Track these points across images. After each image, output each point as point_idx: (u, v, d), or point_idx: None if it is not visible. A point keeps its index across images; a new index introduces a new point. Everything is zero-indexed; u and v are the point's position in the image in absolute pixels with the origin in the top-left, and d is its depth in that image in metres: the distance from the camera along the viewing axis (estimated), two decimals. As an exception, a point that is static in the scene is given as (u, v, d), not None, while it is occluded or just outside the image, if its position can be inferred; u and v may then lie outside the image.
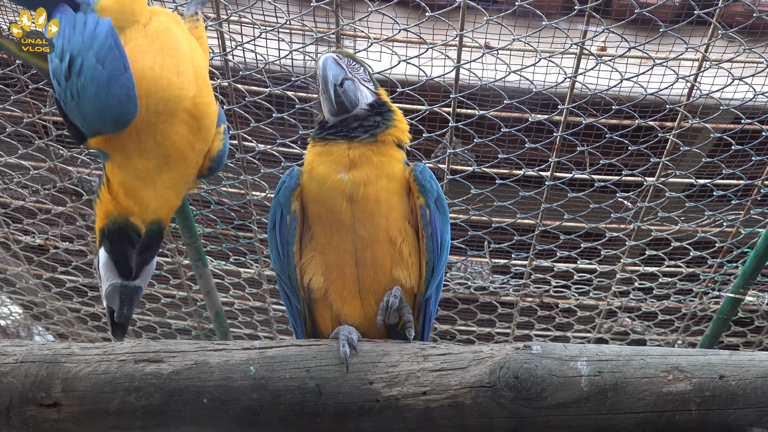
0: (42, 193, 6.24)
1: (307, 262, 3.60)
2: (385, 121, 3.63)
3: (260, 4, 5.08)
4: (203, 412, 3.18)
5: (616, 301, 6.79)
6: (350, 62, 3.70)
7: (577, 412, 3.13)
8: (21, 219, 6.48)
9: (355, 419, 3.20)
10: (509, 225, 5.97)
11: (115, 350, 3.28)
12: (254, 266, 6.68)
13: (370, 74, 3.78)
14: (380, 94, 3.73)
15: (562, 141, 5.46)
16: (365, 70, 3.76)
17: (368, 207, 3.49)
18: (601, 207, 5.82)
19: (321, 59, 3.65)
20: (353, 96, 3.62)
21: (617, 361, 3.20)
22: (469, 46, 5.15)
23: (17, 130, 5.78)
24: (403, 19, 5.10)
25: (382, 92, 3.76)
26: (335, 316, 3.55)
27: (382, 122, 3.62)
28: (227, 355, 3.27)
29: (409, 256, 3.56)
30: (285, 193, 3.63)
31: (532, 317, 7.04)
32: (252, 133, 5.61)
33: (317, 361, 3.24)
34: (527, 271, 6.49)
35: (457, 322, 7.12)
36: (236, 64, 5.27)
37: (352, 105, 3.61)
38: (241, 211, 6.18)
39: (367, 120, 3.61)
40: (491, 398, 3.14)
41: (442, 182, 5.55)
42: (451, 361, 3.23)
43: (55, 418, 3.17)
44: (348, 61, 3.69)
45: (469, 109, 5.37)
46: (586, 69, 5.14)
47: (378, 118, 3.62)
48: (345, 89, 3.60)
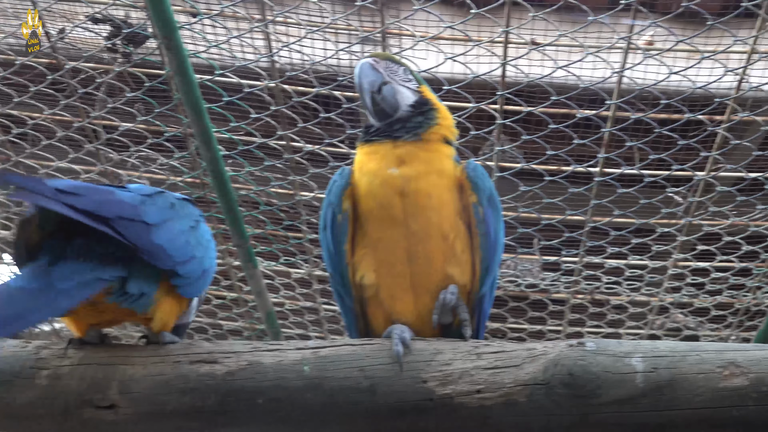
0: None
1: (358, 260, 3.60)
2: (427, 120, 3.61)
3: (306, 4, 5.09)
4: (258, 412, 3.18)
5: (668, 297, 6.75)
6: (388, 64, 3.69)
7: (632, 409, 3.10)
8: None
9: (410, 418, 3.18)
10: (558, 222, 5.95)
11: (170, 351, 3.29)
12: (304, 266, 6.70)
13: (411, 72, 3.76)
14: (422, 92, 3.72)
15: (611, 136, 5.43)
16: (405, 69, 3.74)
17: (420, 201, 3.48)
18: (651, 202, 5.78)
19: (357, 67, 3.66)
20: (393, 100, 3.63)
21: (672, 357, 3.16)
22: (515, 42, 5.14)
23: (68, 135, 5.83)
24: (449, 16, 5.10)
25: (425, 89, 3.75)
26: (387, 314, 3.54)
27: (424, 122, 3.60)
28: (281, 355, 3.27)
29: (462, 252, 3.54)
30: (336, 192, 3.63)
31: (583, 314, 7.01)
32: (299, 133, 5.62)
33: (370, 360, 3.23)
34: (578, 267, 6.46)
35: (508, 320, 7.10)
36: (283, 65, 5.28)
37: (393, 109, 3.62)
38: (290, 211, 6.20)
39: (410, 121, 3.59)
40: (545, 396, 3.12)
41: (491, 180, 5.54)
42: (505, 358, 3.21)
43: (111, 420, 3.17)
44: (386, 63, 3.69)
45: (516, 106, 5.35)
46: (633, 64, 5.11)
47: (420, 119, 3.61)
48: (384, 95, 3.61)
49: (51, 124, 5.80)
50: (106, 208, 3.09)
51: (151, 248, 3.16)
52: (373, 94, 3.60)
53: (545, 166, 5.64)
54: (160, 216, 3.25)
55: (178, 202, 3.42)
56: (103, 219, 3.04)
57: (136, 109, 5.59)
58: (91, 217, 3.02)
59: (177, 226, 3.31)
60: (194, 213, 3.52)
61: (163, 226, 3.23)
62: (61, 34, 5.27)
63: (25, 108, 5.72)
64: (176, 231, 3.29)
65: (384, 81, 3.62)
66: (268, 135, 5.64)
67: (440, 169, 3.57)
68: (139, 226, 3.15)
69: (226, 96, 5.30)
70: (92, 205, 3.06)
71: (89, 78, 5.45)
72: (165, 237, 3.21)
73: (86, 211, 3.02)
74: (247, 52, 5.27)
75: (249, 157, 5.74)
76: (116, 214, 3.09)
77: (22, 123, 5.78)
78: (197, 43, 5.21)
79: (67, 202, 3.00)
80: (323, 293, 6.94)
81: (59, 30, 5.30)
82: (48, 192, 3.01)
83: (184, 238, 3.32)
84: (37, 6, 5.05)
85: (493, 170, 5.61)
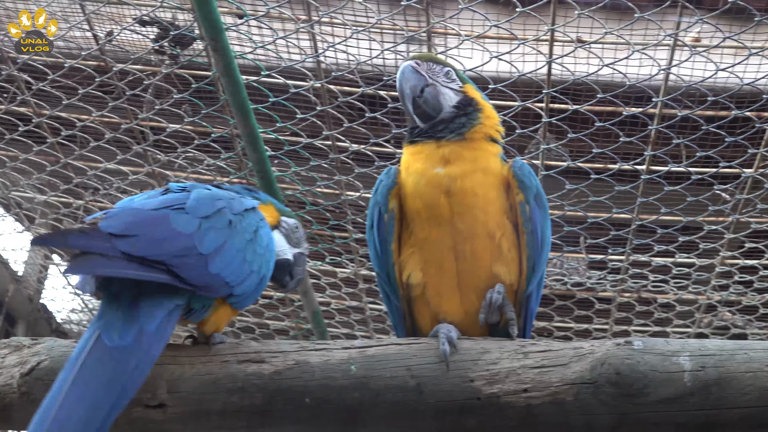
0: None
1: (405, 259, 3.61)
2: (470, 120, 3.62)
3: (351, 4, 5.10)
4: (305, 411, 3.20)
5: (715, 295, 6.70)
6: (431, 66, 3.69)
7: (680, 407, 3.09)
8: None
9: (456, 417, 3.19)
10: (605, 220, 5.93)
11: (218, 351, 3.32)
12: (350, 266, 6.72)
13: (455, 71, 3.76)
14: (466, 91, 3.72)
15: (657, 134, 5.40)
16: (448, 69, 3.73)
17: (466, 200, 3.49)
18: (699, 200, 5.74)
19: (399, 70, 3.66)
20: (435, 102, 3.63)
21: (720, 355, 3.14)
22: (560, 40, 5.12)
23: (116, 136, 5.88)
24: (494, 15, 5.09)
25: (469, 88, 3.75)
26: (434, 313, 3.55)
27: (467, 122, 3.61)
28: (328, 354, 3.28)
29: (509, 251, 3.54)
30: (383, 191, 3.65)
31: (630, 313, 6.98)
32: (345, 133, 5.64)
33: (417, 359, 3.24)
34: (624, 266, 6.44)
35: (554, 319, 7.09)
36: (328, 65, 5.30)
37: (435, 111, 3.63)
38: (336, 211, 6.21)
39: (453, 122, 3.60)
40: (593, 395, 3.11)
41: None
42: (552, 357, 3.21)
43: (160, 419, 3.20)
44: (428, 65, 3.69)
45: (562, 104, 5.33)
46: (680, 60, 5.08)
47: (463, 119, 3.61)
48: (426, 98, 3.62)
49: (99, 126, 5.85)
50: (161, 247, 3.10)
51: (208, 282, 3.17)
52: (414, 98, 3.61)
53: (591, 164, 5.62)
54: (217, 241, 3.24)
55: (236, 217, 3.39)
56: (157, 263, 3.06)
57: (183, 110, 5.63)
58: (146, 264, 3.03)
59: (234, 245, 3.31)
60: (253, 222, 3.48)
61: (220, 252, 3.24)
62: (109, 37, 5.32)
63: (73, 110, 5.77)
64: (233, 253, 3.29)
65: (426, 83, 3.63)
66: (314, 135, 5.66)
67: (486, 167, 3.57)
68: (195, 260, 3.15)
69: (273, 96, 5.32)
70: (147, 246, 3.07)
71: (137, 80, 5.49)
72: (221, 264, 3.22)
73: (141, 257, 3.03)
74: (293, 53, 5.28)
75: (295, 157, 5.77)
76: (171, 252, 3.10)
77: (71, 125, 5.84)
78: (243, 45, 5.24)
79: (123, 250, 3.02)
80: (369, 293, 6.95)
81: (107, 32, 5.35)
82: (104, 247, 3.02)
83: (241, 257, 3.32)
84: (85, 9, 5.10)
85: (539, 169, 5.60)
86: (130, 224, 3.12)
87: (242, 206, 3.48)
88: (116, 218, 3.15)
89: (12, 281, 7.72)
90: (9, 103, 5.73)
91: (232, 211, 3.39)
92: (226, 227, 3.32)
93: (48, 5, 5.19)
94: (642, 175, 5.60)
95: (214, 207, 3.34)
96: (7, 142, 6.05)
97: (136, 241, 3.06)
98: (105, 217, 3.17)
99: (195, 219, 3.25)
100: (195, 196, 3.35)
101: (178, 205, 3.28)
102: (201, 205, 3.32)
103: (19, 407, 3.26)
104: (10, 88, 5.66)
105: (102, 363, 2.91)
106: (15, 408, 3.26)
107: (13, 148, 6.14)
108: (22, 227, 7.23)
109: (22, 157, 6.17)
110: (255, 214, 3.53)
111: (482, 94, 3.83)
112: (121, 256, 3.02)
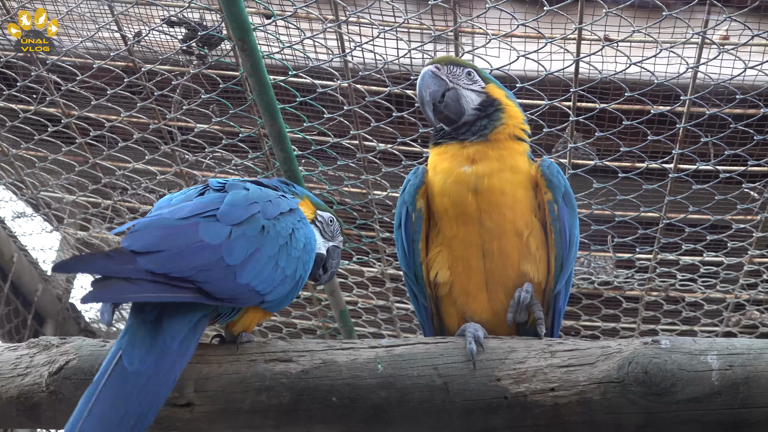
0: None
1: (433, 258, 3.63)
2: (492, 121, 3.62)
3: (378, 4, 5.10)
4: (332, 410, 3.22)
5: (744, 294, 6.67)
6: (451, 69, 3.69)
7: (707, 406, 3.09)
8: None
9: (483, 416, 3.20)
10: (632, 219, 5.91)
11: (245, 350, 3.33)
12: (377, 265, 6.73)
13: (477, 71, 3.76)
14: (489, 92, 3.72)
15: (685, 132, 5.37)
16: (470, 70, 3.73)
17: (493, 198, 3.50)
18: (727, 198, 5.72)
19: (419, 78, 3.66)
20: (456, 106, 3.64)
21: (748, 354, 3.14)
22: (588, 39, 5.10)
23: (144, 136, 5.91)
24: (521, 14, 5.08)
25: (492, 88, 3.75)
26: (461, 312, 3.57)
27: (489, 123, 3.61)
28: (355, 353, 3.30)
29: (537, 250, 3.56)
30: (410, 191, 3.67)
31: (657, 312, 6.96)
32: (372, 132, 5.64)
33: (444, 358, 3.25)
34: (652, 264, 6.41)
35: (582, 318, 7.07)
36: (355, 64, 5.30)
37: (457, 115, 3.64)
38: (363, 210, 6.22)
39: (475, 124, 3.62)
40: (620, 394, 3.12)
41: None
42: (579, 356, 3.21)
43: (187, 417, 3.22)
44: (449, 68, 3.69)
45: (589, 103, 5.32)
46: (708, 59, 5.05)
47: (485, 121, 3.62)
48: (447, 102, 3.63)
49: (128, 126, 5.87)
50: (186, 261, 3.08)
51: (236, 293, 3.17)
52: (435, 104, 3.61)
53: (619, 163, 5.60)
54: (247, 250, 3.23)
55: (269, 222, 3.36)
56: (182, 280, 3.05)
57: (210, 110, 5.64)
58: (170, 281, 3.02)
59: (266, 252, 3.29)
60: (288, 224, 3.45)
61: (250, 261, 3.22)
62: (137, 38, 5.34)
63: (102, 111, 5.80)
64: (264, 260, 3.28)
65: (447, 87, 3.64)
66: (342, 134, 5.66)
67: (513, 165, 3.58)
68: (223, 272, 3.14)
69: (300, 96, 5.34)
70: (170, 262, 3.05)
71: (165, 80, 5.51)
72: (251, 273, 3.21)
73: (165, 274, 3.02)
74: (320, 53, 5.29)
75: (322, 156, 5.77)
76: (197, 265, 3.09)
77: (100, 125, 5.86)
78: (271, 45, 5.25)
79: (146, 268, 3.00)
80: (396, 292, 6.96)
81: (135, 33, 5.37)
82: (127, 270, 2.99)
83: (273, 263, 3.31)
84: (114, 10, 5.13)
85: (566, 167, 5.59)
86: (155, 239, 3.10)
87: (278, 209, 3.44)
88: (141, 234, 3.13)
89: (41, 281, 7.77)
90: (38, 103, 5.77)
91: (266, 216, 3.36)
92: (258, 234, 3.29)
93: (77, 6, 5.22)
94: (670, 173, 5.58)
95: (248, 213, 3.32)
96: (36, 143, 6.08)
97: (159, 258, 3.05)
98: (131, 231, 3.16)
99: (225, 227, 3.23)
100: (229, 201, 3.33)
101: (209, 211, 3.27)
102: (234, 211, 3.30)
103: (47, 406, 3.29)
104: (39, 89, 5.69)
105: (122, 388, 2.92)
106: (43, 407, 3.29)
107: (42, 148, 6.17)
108: (51, 227, 7.27)
109: (51, 158, 6.21)
110: (292, 216, 3.50)
111: (507, 92, 3.82)
112: (144, 277, 3.00)
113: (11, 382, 3.32)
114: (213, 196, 3.39)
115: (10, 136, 6.21)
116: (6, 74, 5.71)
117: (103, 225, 6.96)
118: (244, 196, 3.39)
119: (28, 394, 3.29)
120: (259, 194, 3.46)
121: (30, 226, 7.38)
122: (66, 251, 7.64)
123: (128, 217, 6.68)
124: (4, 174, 6.55)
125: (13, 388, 3.31)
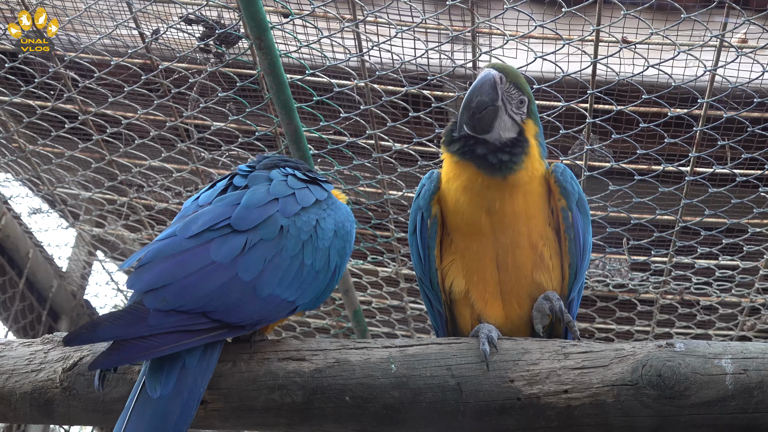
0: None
1: (447, 266, 3.61)
2: (512, 161, 3.45)
3: (396, 4, 5.10)
4: (345, 409, 3.22)
5: (759, 298, 6.65)
6: (510, 87, 3.49)
7: (721, 410, 3.07)
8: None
9: (496, 417, 3.19)
10: (648, 221, 5.90)
11: (259, 349, 3.33)
12: (391, 265, 6.73)
13: (529, 103, 3.57)
14: (524, 129, 3.53)
15: (702, 135, 5.36)
16: (523, 98, 3.54)
17: (507, 219, 3.47)
18: (743, 202, 5.70)
19: (482, 75, 3.47)
20: (488, 123, 3.43)
21: (763, 358, 3.12)
22: (606, 41, 5.09)
23: (160, 134, 5.92)
24: (539, 15, 5.07)
25: (528, 126, 3.56)
26: (476, 315, 3.56)
27: (509, 162, 3.44)
28: (368, 353, 3.30)
29: (550, 258, 3.55)
30: (425, 196, 3.62)
31: (672, 315, 6.95)
32: (388, 132, 5.64)
33: (457, 359, 3.25)
34: (667, 267, 6.40)
35: (596, 320, 7.07)
36: (372, 64, 5.30)
37: (482, 131, 3.44)
38: (378, 210, 6.22)
39: (495, 155, 3.45)
40: (634, 396, 3.11)
41: (580, 179, 5.50)
42: (593, 359, 3.20)
43: (201, 415, 3.22)
44: (508, 85, 3.48)
45: (606, 105, 5.31)
46: (726, 62, 5.03)
47: (505, 157, 3.45)
48: (483, 115, 3.42)
49: (144, 124, 5.89)
50: (197, 290, 3.05)
51: (260, 314, 3.17)
52: (474, 111, 3.41)
53: (635, 165, 5.59)
54: (264, 258, 3.18)
55: (289, 221, 3.30)
56: (195, 314, 3.03)
57: (227, 108, 5.65)
58: (183, 320, 3.00)
59: (287, 253, 3.25)
60: (312, 216, 3.39)
61: (268, 268, 3.19)
62: (155, 35, 5.35)
63: (119, 108, 5.82)
64: (287, 262, 3.24)
65: (495, 103, 3.43)
66: (358, 134, 5.67)
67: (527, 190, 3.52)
68: (239, 293, 3.11)
69: (316, 95, 5.34)
70: (179, 296, 3.02)
71: (182, 78, 5.52)
72: (272, 282, 3.19)
73: (175, 310, 2.99)
74: (338, 52, 5.29)
75: (338, 156, 5.79)
76: (208, 293, 3.06)
77: (117, 122, 5.89)
78: (288, 43, 5.26)
79: (154, 308, 2.98)
80: (410, 292, 6.96)
81: (153, 31, 5.38)
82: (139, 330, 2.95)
83: (298, 262, 3.27)
84: (132, 7, 5.14)
85: (582, 169, 5.58)
86: (161, 272, 3.06)
87: (300, 205, 3.39)
88: (146, 269, 3.08)
89: (56, 277, 7.80)
90: (55, 100, 5.79)
91: (286, 214, 3.31)
92: (276, 237, 3.25)
93: (95, 3, 5.23)
94: (686, 176, 5.57)
95: (264, 214, 3.27)
96: (53, 139, 6.10)
97: (166, 293, 3.02)
98: (137, 267, 3.11)
99: (239, 237, 3.18)
100: (245, 202, 3.28)
101: (223, 221, 3.22)
102: (249, 214, 3.25)
103: (60, 402, 3.31)
104: (56, 86, 5.71)
105: (148, 415, 2.91)
106: (56, 403, 3.31)
107: (59, 144, 6.20)
108: (66, 223, 7.29)
109: (68, 154, 6.24)
110: (317, 206, 3.45)
111: (539, 129, 3.68)
112: (157, 331, 2.96)
113: (25, 378, 3.35)
114: (231, 197, 3.33)
115: (27, 132, 6.24)
116: (24, 70, 5.73)
117: (118, 222, 6.98)
118: (263, 193, 3.34)
119: (42, 389, 3.32)
120: (280, 188, 3.40)
121: (46, 222, 7.42)
122: (81, 248, 7.68)
123: (144, 214, 6.70)
124: (21, 170, 6.58)
125: (27, 384, 3.33)
